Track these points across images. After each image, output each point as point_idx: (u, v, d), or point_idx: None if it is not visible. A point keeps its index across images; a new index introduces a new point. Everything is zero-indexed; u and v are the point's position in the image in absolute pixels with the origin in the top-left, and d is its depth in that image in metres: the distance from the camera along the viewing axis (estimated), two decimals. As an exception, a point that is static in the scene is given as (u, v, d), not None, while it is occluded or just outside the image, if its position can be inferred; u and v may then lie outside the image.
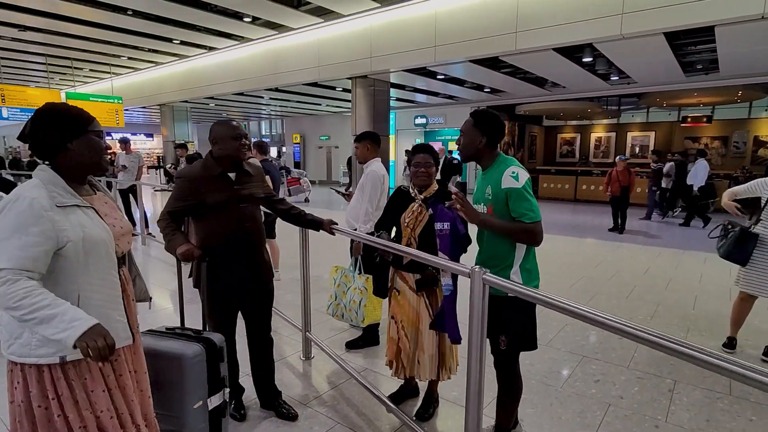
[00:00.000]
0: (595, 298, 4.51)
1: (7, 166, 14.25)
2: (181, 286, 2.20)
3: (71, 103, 10.82)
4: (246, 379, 2.54)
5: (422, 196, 2.31)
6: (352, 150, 3.22)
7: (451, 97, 14.30)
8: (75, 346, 1.18)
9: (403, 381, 2.57)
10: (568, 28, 6.49)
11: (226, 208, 2.13)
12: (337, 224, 2.58)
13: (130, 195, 7.78)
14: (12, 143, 27.91)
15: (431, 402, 2.43)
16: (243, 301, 2.29)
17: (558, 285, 4.88)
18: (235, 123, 2.17)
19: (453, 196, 1.96)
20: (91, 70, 14.67)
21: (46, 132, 1.35)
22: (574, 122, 17.37)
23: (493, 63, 9.22)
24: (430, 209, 2.24)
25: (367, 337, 3.32)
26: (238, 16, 9.06)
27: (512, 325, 1.93)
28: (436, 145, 13.89)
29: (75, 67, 13.92)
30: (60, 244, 1.28)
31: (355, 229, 3.14)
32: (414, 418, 2.36)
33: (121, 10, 8.56)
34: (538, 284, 2.01)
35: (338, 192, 3.66)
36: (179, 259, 2.06)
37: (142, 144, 26.41)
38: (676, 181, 9.84)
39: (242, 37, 10.69)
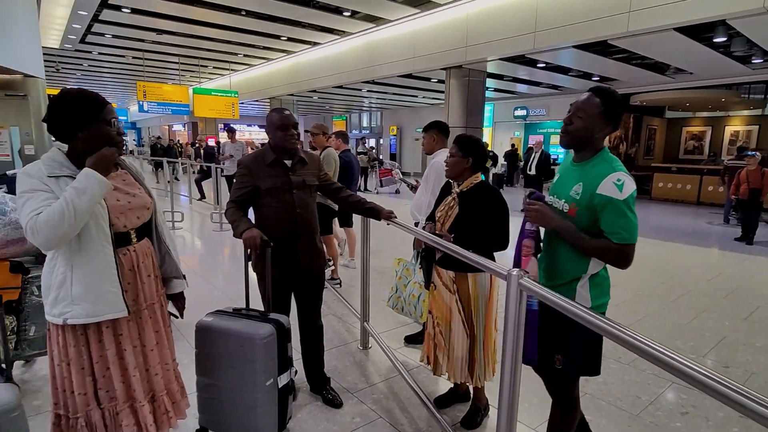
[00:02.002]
0: (701, 316, 3.88)
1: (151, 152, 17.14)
2: (247, 270, 2.29)
3: (197, 97, 12.19)
4: (300, 362, 2.63)
5: (458, 190, 2.18)
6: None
7: (554, 87, 13.34)
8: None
9: (453, 383, 2.46)
10: (694, 3, 5.61)
11: (279, 194, 2.21)
12: (395, 216, 2.54)
13: (234, 180, 8.57)
14: (153, 133, 32.45)
15: (478, 410, 2.29)
16: (294, 286, 2.36)
17: (657, 298, 4.29)
18: (286, 113, 2.23)
19: (527, 204, 1.69)
20: (214, 67, 16.35)
21: (59, 121, 1.47)
22: (704, 113, 15.12)
23: (602, 48, 8.37)
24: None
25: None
26: (338, 10, 9.38)
27: (571, 344, 1.65)
28: (535, 138, 13.10)
29: (201, 65, 15.62)
30: None
31: (417, 223, 3.06)
32: (458, 425, 2.24)
33: (236, 11, 9.38)
34: (608, 302, 1.72)
35: (406, 183, 3.61)
36: (245, 245, 2.16)
37: (256, 134, 28.83)
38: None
39: (342, 31, 11.06)
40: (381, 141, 23.17)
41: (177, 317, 1.89)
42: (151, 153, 16.88)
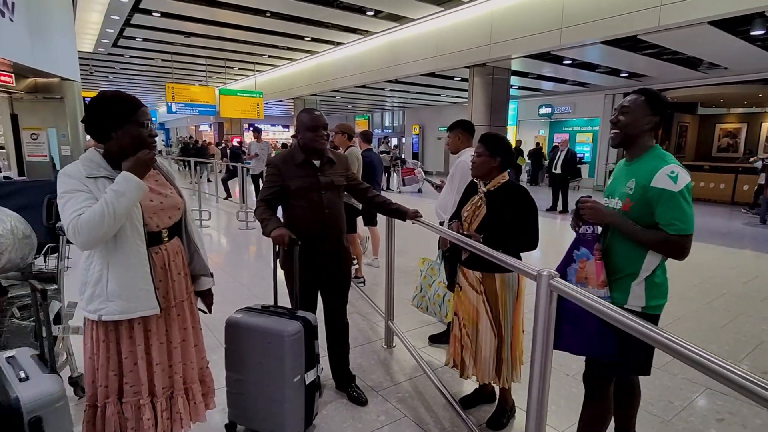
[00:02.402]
0: (737, 320, 3.74)
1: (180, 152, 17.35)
2: (276, 268, 2.33)
3: (223, 98, 12.46)
4: (326, 359, 2.66)
5: (485, 189, 2.15)
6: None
7: (581, 84, 13.06)
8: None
9: (478, 384, 2.45)
10: (730, -5, 5.40)
11: (307, 195, 2.24)
12: (421, 216, 2.54)
13: (260, 179, 8.73)
14: (181, 133, 33.27)
15: (504, 411, 2.27)
16: (321, 285, 2.39)
17: (690, 300, 4.16)
18: (316, 113, 2.26)
19: (579, 202, 1.71)
20: (239, 68, 16.63)
21: (95, 121, 1.53)
22: (739, 110, 14.54)
23: (632, 43, 8.15)
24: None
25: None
26: (362, 10, 9.42)
27: (624, 341, 1.57)
28: (561, 137, 12.86)
29: (227, 67, 15.92)
30: None
31: (442, 222, 3.05)
32: (484, 426, 2.23)
33: (261, 12, 9.53)
34: (663, 306, 1.69)
35: (430, 182, 3.59)
36: (274, 243, 2.19)
37: (280, 134, 29.20)
38: None
39: (365, 30, 11.09)
40: (403, 140, 23.14)
41: (206, 313, 1.94)
42: (183, 153, 17.03)
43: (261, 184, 8.90)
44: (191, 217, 1.85)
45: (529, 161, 15.50)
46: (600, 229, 1.72)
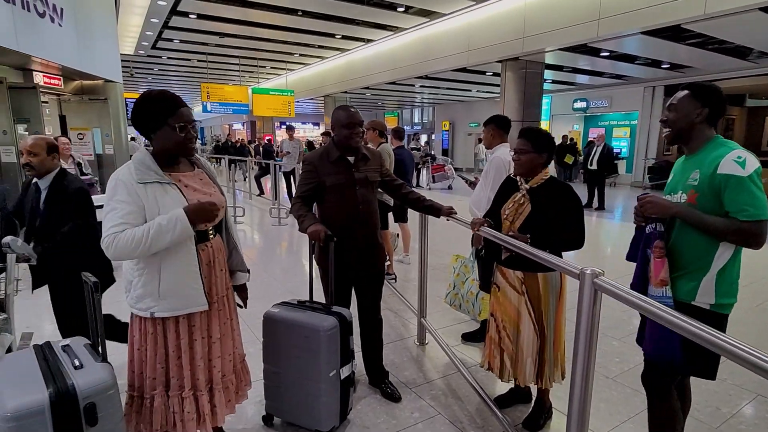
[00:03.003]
0: (792, 325, 3.54)
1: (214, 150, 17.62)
2: (311, 264, 2.36)
3: (256, 97, 12.65)
4: (359, 355, 2.68)
5: (527, 186, 2.07)
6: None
7: (618, 76, 12.59)
8: (195, 228, 1.55)
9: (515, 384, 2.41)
10: (785, -21, 5.08)
11: (342, 191, 2.26)
12: (456, 213, 2.51)
13: (291, 177, 8.85)
14: (216, 132, 34.17)
15: (542, 411, 2.22)
16: (355, 280, 2.41)
17: (740, 302, 3.94)
18: (352, 110, 2.27)
19: (639, 198, 1.64)
20: (271, 67, 16.94)
21: (138, 121, 1.59)
22: (793, 101, 13.69)
23: (674, 33, 7.78)
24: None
25: (485, 331, 3.18)
26: (392, 6, 9.40)
27: (690, 340, 1.57)
28: (596, 132, 12.48)
29: (260, 66, 16.24)
30: (144, 214, 1.51)
31: (477, 219, 3.01)
32: (520, 426, 2.20)
33: (293, 11, 9.65)
34: (732, 306, 1.62)
35: (464, 178, 3.55)
36: (310, 239, 2.22)
37: (310, 132, 29.54)
38: None
39: (396, 27, 11.07)
40: (433, 136, 22.98)
41: (242, 307, 1.98)
42: (216, 151, 17.18)
43: (293, 182, 9.05)
44: (229, 214, 1.89)
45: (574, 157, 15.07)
46: (662, 227, 1.63)
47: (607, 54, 9.65)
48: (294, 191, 9.16)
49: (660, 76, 12.19)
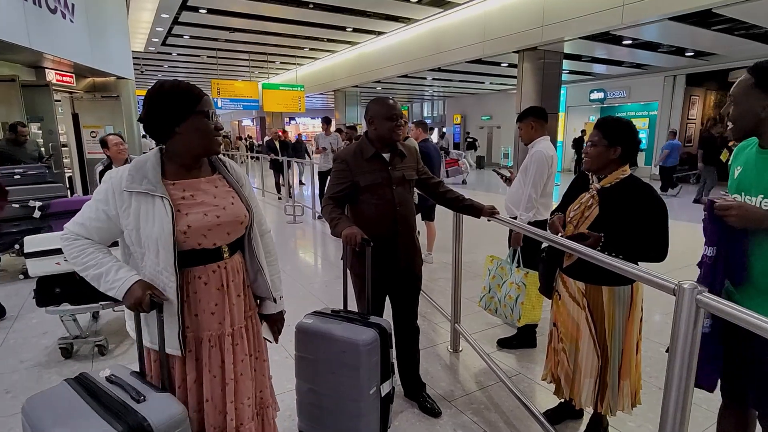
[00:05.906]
0: None
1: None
2: (346, 271, 2.17)
3: (266, 92, 12.22)
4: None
5: (599, 185, 1.84)
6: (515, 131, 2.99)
7: (638, 65, 12.24)
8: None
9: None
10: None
11: (378, 191, 2.08)
12: (498, 212, 2.32)
13: (329, 177, 8.35)
14: (226, 128, 34.15)
15: (598, 430, 2.04)
16: (391, 287, 2.24)
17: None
18: (391, 101, 2.08)
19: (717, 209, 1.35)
20: (281, 62, 16.77)
21: (156, 116, 1.33)
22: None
23: (701, 18, 7.47)
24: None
25: (523, 338, 3.01)
26: (405, -3, 9.17)
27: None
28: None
29: (269, 61, 16.07)
30: (121, 228, 1.33)
31: (515, 217, 2.82)
32: (575, 445, 2.02)
33: (304, 4, 9.46)
34: None
35: (499, 174, 3.33)
36: (343, 243, 2.02)
37: (319, 127, 29.41)
38: None
39: (408, 18, 10.82)
40: (444, 130, 22.69)
41: (270, 342, 1.67)
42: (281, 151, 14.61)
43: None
44: (261, 230, 1.60)
45: (573, 150, 14.73)
46: (714, 255, 1.37)
47: (629, 42, 9.34)
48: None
49: (682, 65, 11.82)
